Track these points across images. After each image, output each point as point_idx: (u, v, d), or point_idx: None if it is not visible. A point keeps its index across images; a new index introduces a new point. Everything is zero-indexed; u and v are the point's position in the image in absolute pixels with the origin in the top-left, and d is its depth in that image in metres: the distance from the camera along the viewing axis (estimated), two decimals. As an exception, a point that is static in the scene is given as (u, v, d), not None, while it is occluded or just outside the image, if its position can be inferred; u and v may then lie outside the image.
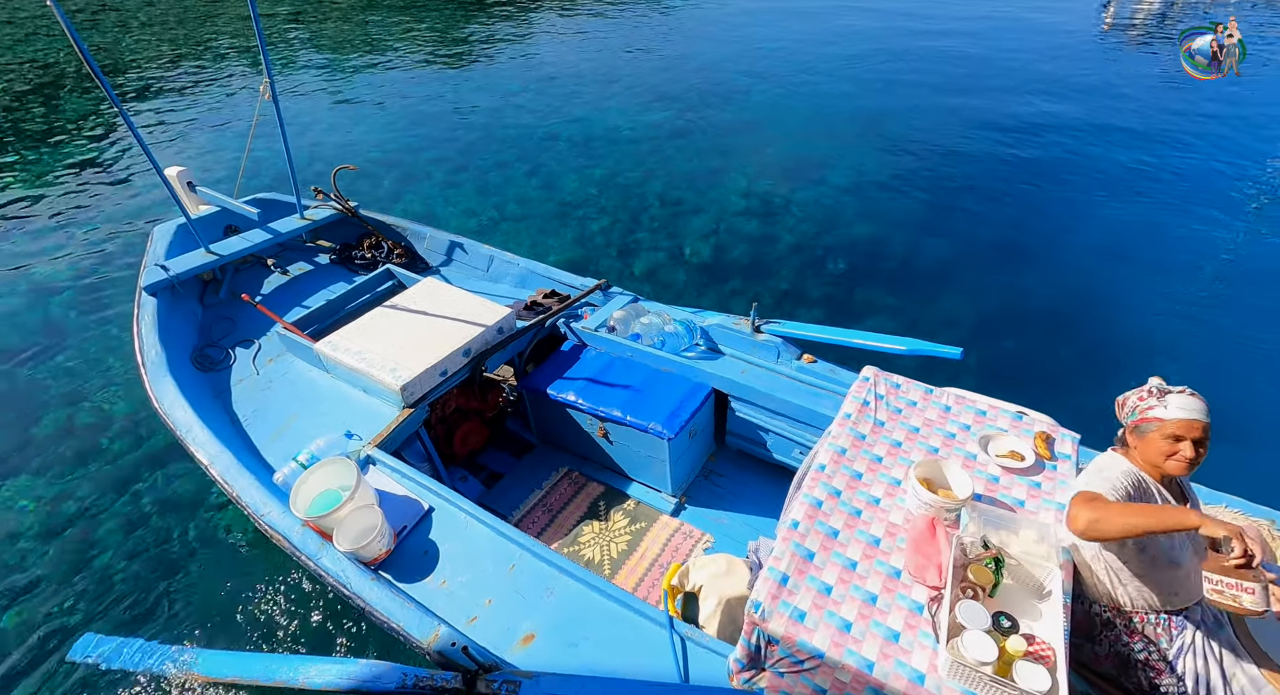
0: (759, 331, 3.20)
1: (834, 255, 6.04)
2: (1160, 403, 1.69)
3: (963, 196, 6.89)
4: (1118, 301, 5.15)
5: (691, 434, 2.94)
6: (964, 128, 8.49)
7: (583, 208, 7.17)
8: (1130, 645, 1.76)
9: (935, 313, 5.23)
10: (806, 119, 9.02)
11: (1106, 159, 7.45)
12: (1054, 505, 1.99)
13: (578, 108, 9.77)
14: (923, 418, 2.38)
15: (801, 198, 7.00)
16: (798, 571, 1.81)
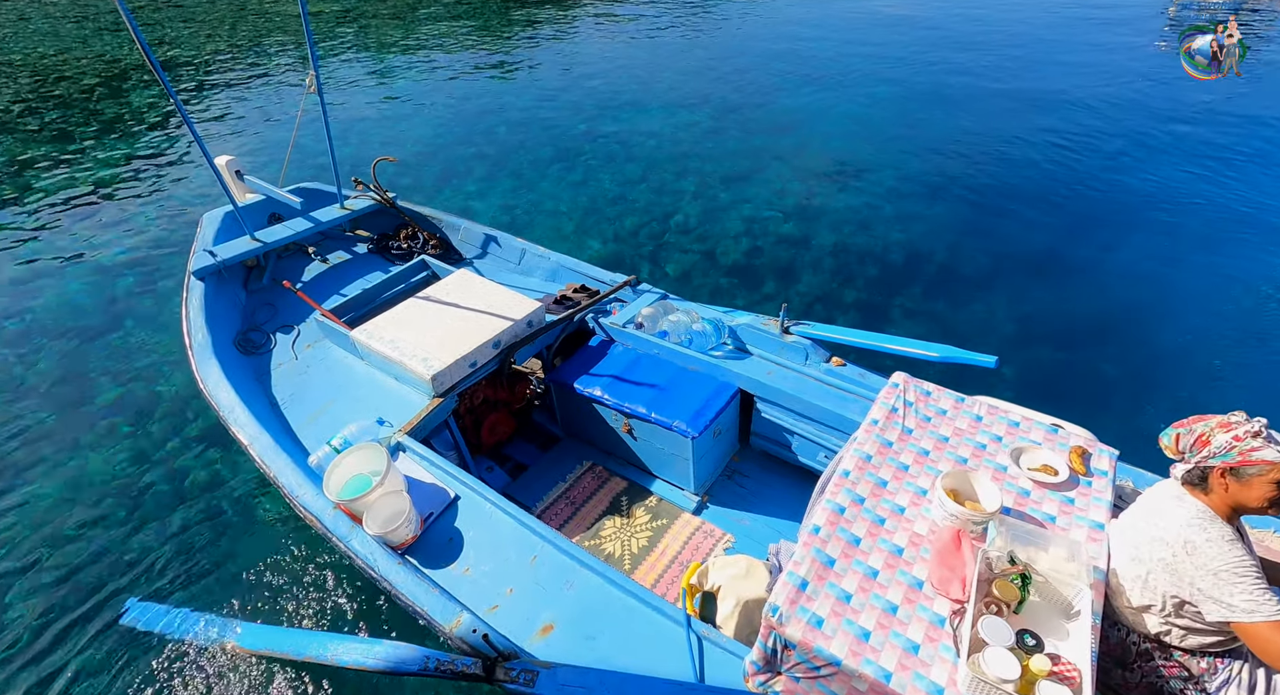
0: (788, 333, 3.17)
1: (870, 259, 5.92)
2: (1267, 444, 1.54)
3: (1008, 202, 6.67)
4: (1166, 319, 4.92)
5: (716, 433, 2.94)
6: (1014, 130, 8.21)
7: (617, 205, 7.19)
8: (1167, 678, 1.70)
9: (973, 320, 5.09)
10: (847, 120, 8.85)
11: (1168, 166, 7.11)
12: (1087, 522, 1.93)
13: (616, 107, 9.79)
14: (953, 427, 2.33)
15: (839, 200, 6.88)
16: (817, 577, 1.80)
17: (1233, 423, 1.60)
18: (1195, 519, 1.62)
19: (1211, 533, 1.58)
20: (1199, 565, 1.58)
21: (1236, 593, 1.52)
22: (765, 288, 5.78)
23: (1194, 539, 1.59)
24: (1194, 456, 1.64)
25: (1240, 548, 1.57)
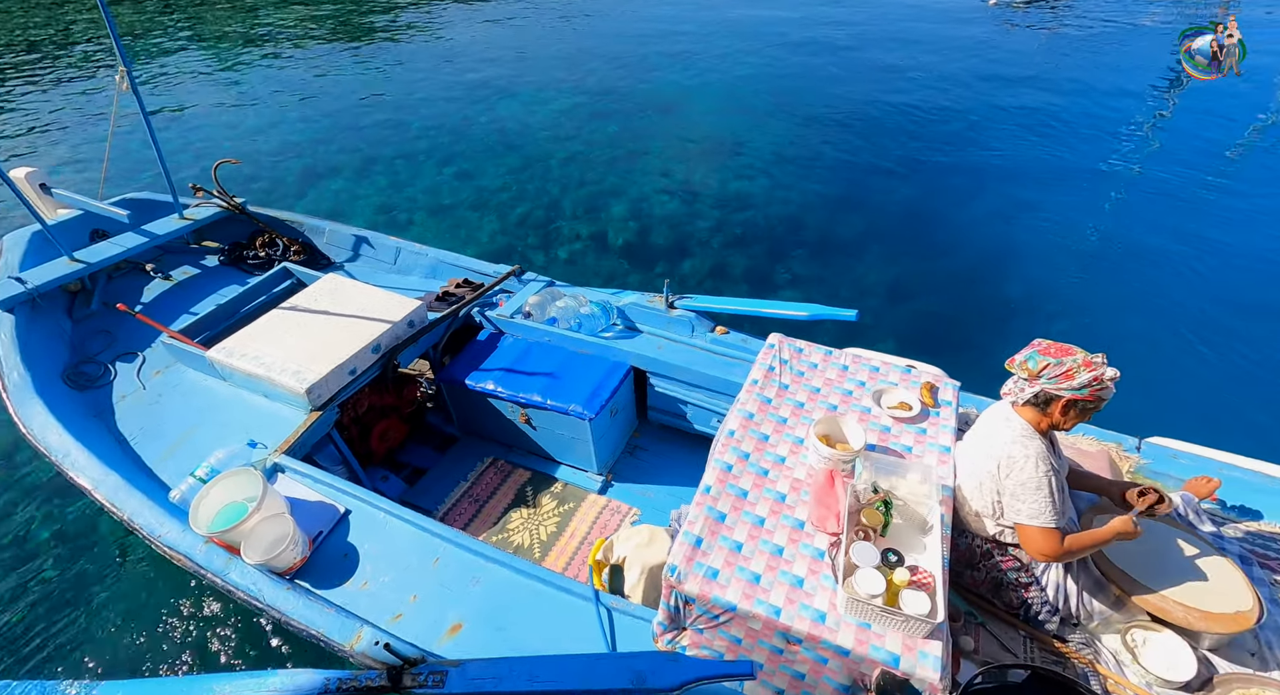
0: (673, 307, 3.27)
1: (754, 231, 6.20)
2: (1109, 381, 1.74)
3: (873, 169, 7.18)
4: (1008, 266, 5.56)
5: (613, 412, 2.99)
6: (872, 102, 8.82)
7: (501, 195, 7.02)
8: (1005, 570, 1.96)
9: (850, 279, 5.49)
10: (721, 99, 9.13)
11: (1003, 130, 7.93)
12: (937, 448, 2.18)
13: (490, 95, 9.49)
14: (823, 378, 2.52)
15: (720, 177, 7.12)
16: (710, 533, 1.90)
17: (1095, 363, 1.76)
18: (1019, 437, 1.86)
19: (1030, 448, 1.83)
20: (1013, 476, 1.83)
21: (1029, 500, 1.79)
22: (657, 267, 5.90)
23: (1015, 454, 1.83)
24: (1051, 384, 1.78)
25: (1048, 463, 1.82)
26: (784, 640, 1.71)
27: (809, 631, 1.65)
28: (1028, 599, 1.92)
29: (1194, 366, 4.41)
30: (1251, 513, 2.25)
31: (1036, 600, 1.91)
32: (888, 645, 1.61)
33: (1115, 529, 1.80)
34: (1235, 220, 5.85)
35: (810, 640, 1.66)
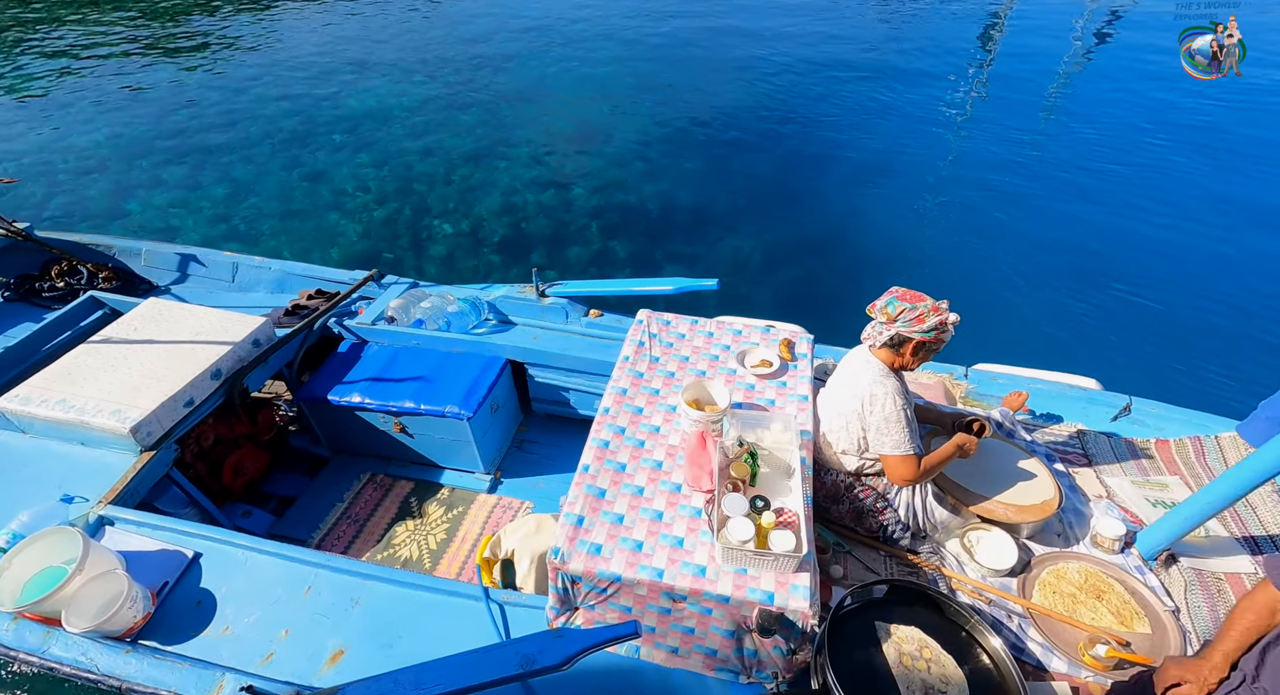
0: (545, 296, 3.24)
1: (631, 214, 6.27)
2: (951, 325, 1.95)
3: (738, 146, 7.46)
4: (862, 229, 6.04)
5: (494, 409, 2.92)
6: (732, 83, 9.14)
7: (360, 197, 6.58)
8: (864, 500, 2.14)
9: (726, 252, 5.71)
10: (584, 86, 9.09)
11: (849, 102, 8.51)
12: (797, 397, 2.33)
13: (335, 89, 8.82)
14: (691, 347, 2.61)
15: (593, 162, 7.11)
16: (591, 510, 1.92)
17: (940, 308, 1.97)
18: (879, 376, 2.03)
19: (888, 386, 2.01)
20: (876, 413, 2.00)
21: (891, 433, 1.97)
22: (536, 257, 5.81)
23: (876, 392, 2.01)
24: (905, 327, 1.96)
25: (904, 398, 2.02)
26: (670, 599, 1.77)
27: (691, 587, 1.72)
28: (884, 522, 2.12)
29: (1010, 299, 5.04)
30: (1054, 417, 2.63)
31: (892, 522, 2.12)
32: (763, 585, 1.71)
33: (957, 442, 2.03)
34: (1039, 174, 6.71)
35: (694, 595, 1.73)
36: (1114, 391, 2.67)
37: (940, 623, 1.81)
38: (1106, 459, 2.39)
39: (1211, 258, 5.31)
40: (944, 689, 1.65)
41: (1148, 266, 5.26)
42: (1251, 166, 6.69)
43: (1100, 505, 2.17)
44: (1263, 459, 1.72)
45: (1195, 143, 7.15)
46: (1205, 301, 4.86)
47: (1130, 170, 6.64)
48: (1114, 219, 5.91)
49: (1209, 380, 4.12)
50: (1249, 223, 5.72)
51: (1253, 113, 7.88)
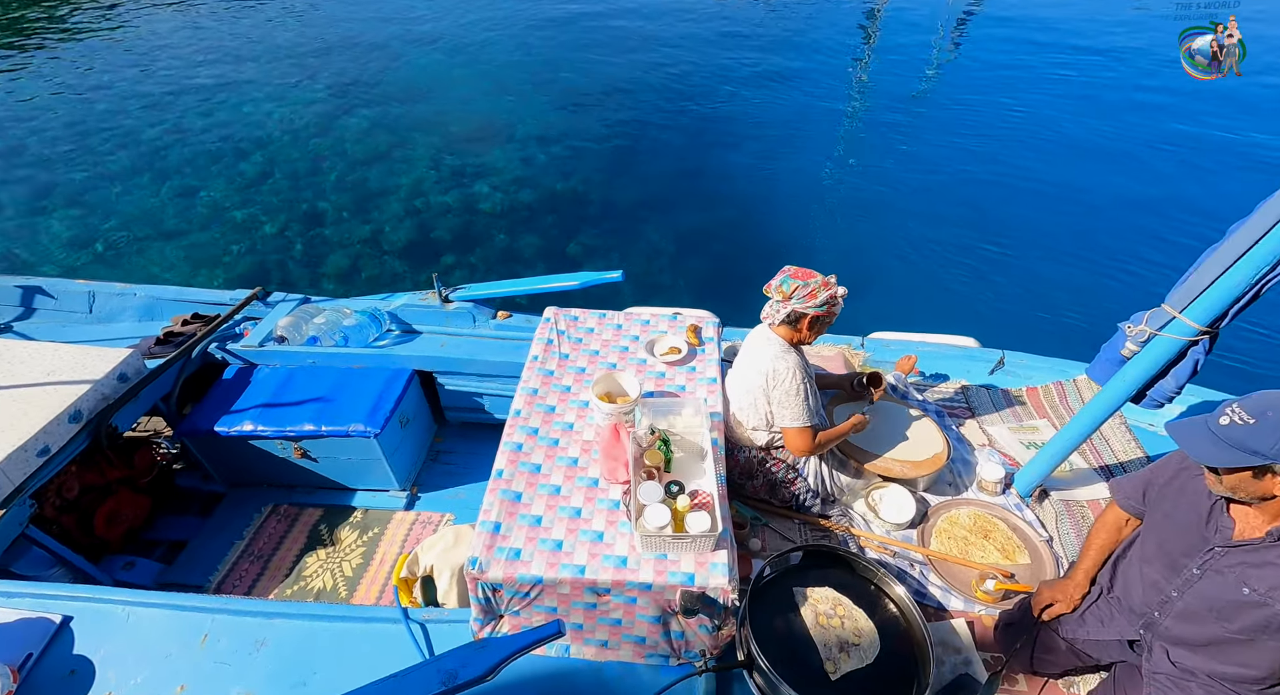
0: (448, 301, 3.14)
1: (541, 209, 6.17)
2: (840, 298, 2.05)
3: (642, 135, 7.49)
4: (765, 211, 6.25)
5: (403, 422, 2.80)
6: (630, 70, 9.14)
7: (243, 211, 6.10)
8: (775, 473, 2.23)
9: (639, 242, 5.74)
10: (479, 81, 8.82)
11: (746, 87, 8.72)
12: (706, 380, 2.39)
13: (204, 95, 8.10)
14: (600, 340, 2.62)
15: (497, 160, 6.92)
16: (508, 515, 1.88)
17: (830, 283, 2.06)
18: (779, 353, 2.11)
19: (789, 361, 2.08)
20: (778, 388, 2.08)
21: (791, 406, 2.06)
22: (445, 260, 5.62)
23: (778, 368, 2.08)
24: (800, 303, 2.04)
25: (804, 372, 2.10)
26: (595, 594, 1.77)
27: (614, 579, 1.72)
28: (796, 492, 2.22)
29: (899, 268, 5.40)
30: (941, 376, 2.85)
31: (803, 490, 2.22)
32: (683, 567, 1.75)
33: (852, 422, 2.17)
34: (921, 153, 7.18)
35: (617, 586, 1.73)
36: (990, 348, 2.92)
37: (851, 580, 1.92)
38: (986, 410, 2.62)
39: (1064, 219, 5.88)
40: (857, 641, 1.76)
41: (1012, 229, 5.76)
42: (1099, 133, 7.45)
43: (983, 453, 2.38)
44: (1106, 397, 1.94)
45: (1052, 113, 7.86)
46: (1062, 256, 5.38)
47: (997, 142, 7.22)
48: (983, 187, 6.42)
49: (1070, 328, 4.59)
50: (1097, 186, 6.38)
51: (1102, 75, 8.75)
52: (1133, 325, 1.89)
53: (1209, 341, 1.77)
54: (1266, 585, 1.32)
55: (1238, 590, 1.36)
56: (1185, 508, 1.48)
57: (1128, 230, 5.63)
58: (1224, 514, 1.42)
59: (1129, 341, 1.90)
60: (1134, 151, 6.87)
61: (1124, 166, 6.61)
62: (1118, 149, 6.93)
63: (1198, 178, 6.40)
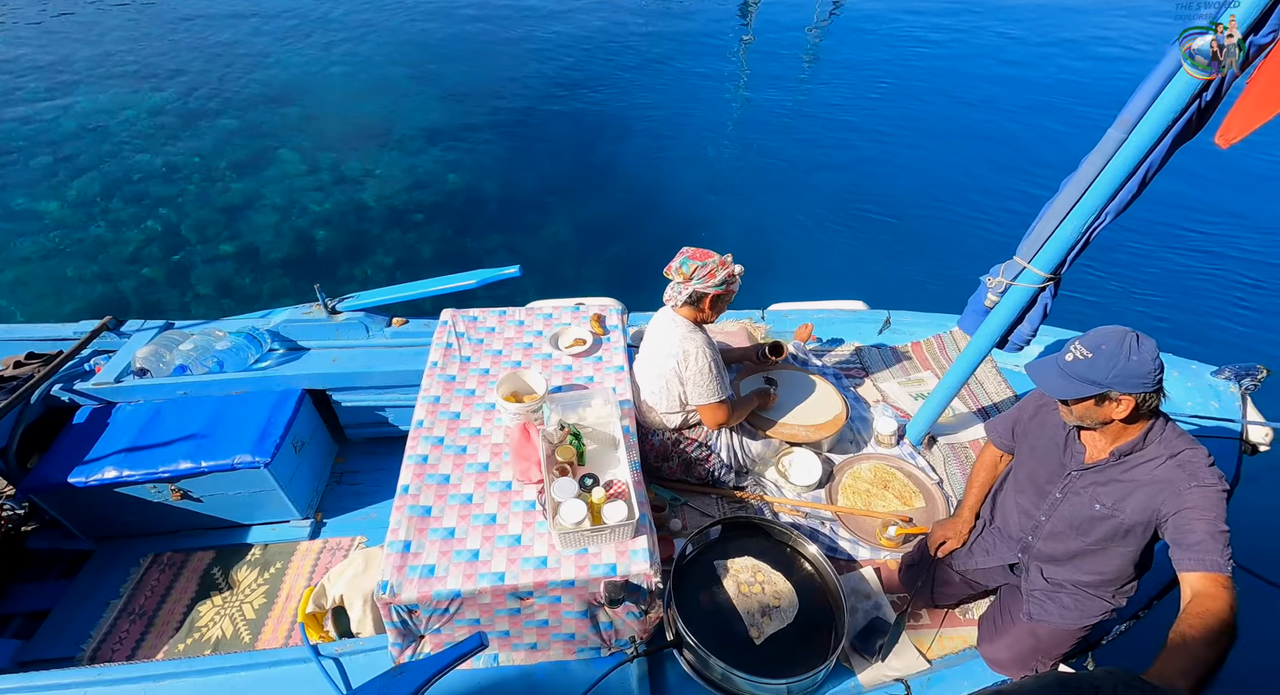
0: (336, 312, 2.93)
1: (436, 210, 5.87)
2: (738, 275, 2.09)
3: (533, 126, 7.28)
4: (658, 189, 6.29)
5: (297, 447, 2.60)
6: (513, 60, 8.84)
7: (87, 232, 5.40)
8: (689, 452, 2.27)
9: (543, 236, 5.61)
10: (353, 79, 8.23)
11: (634, 72, 8.66)
12: (614, 369, 2.38)
13: (25, 107, 7.04)
14: (503, 339, 2.54)
15: (379, 161, 6.51)
16: (418, 531, 1.80)
17: (727, 262, 2.08)
18: (686, 334, 2.12)
19: (697, 341, 2.11)
20: (689, 368, 2.10)
21: (704, 384, 2.10)
22: (338, 271, 5.25)
23: (688, 348, 2.10)
24: (700, 284, 2.06)
25: (711, 350, 2.13)
26: (517, 599, 1.73)
27: (535, 581, 1.69)
28: (711, 467, 2.27)
29: (795, 238, 5.62)
30: (836, 340, 3.00)
31: (717, 465, 2.27)
32: (604, 559, 1.74)
33: (758, 393, 2.26)
34: (805, 127, 7.47)
35: (539, 588, 1.70)
36: (878, 309, 3.10)
37: (768, 546, 2.00)
38: (878, 368, 2.79)
39: (937, 182, 6.34)
40: (778, 603, 1.83)
41: (892, 195, 6.14)
42: (969, 101, 8.04)
43: (878, 408, 2.53)
44: (976, 345, 2.11)
45: (922, 86, 8.40)
46: (938, 217, 5.80)
47: (875, 114, 7.63)
48: (864, 156, 6.78)
49: (947, 283, 4.98)
50: (969, 149, 6.89)
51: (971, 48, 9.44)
52: (992, 277, 2.06)
53: (1054, 287, 1.97)
54: (1113, 500, 1.49)
55: (1091, 507, 1.53)
56: (1046, 440, 1.64)
57: (996, 189, 6.14)
58: (1076, 441, 1.59)
59: (990, 292, 2.07)
60: (997, 118, 7.47)
61: (989, 131, 7.17)
62: (983, 116, 7.52)
63: (1052, 136, 7.06)
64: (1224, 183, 6.01)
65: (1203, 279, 5.04)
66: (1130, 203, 1.75)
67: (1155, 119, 1.56)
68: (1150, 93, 1.58)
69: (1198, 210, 5.70)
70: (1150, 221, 5.44)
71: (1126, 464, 1.48)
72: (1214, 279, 5.04)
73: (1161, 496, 1.40)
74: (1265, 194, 5.98)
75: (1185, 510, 1.36)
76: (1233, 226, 5.56)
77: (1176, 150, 1.65)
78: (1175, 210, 5.68)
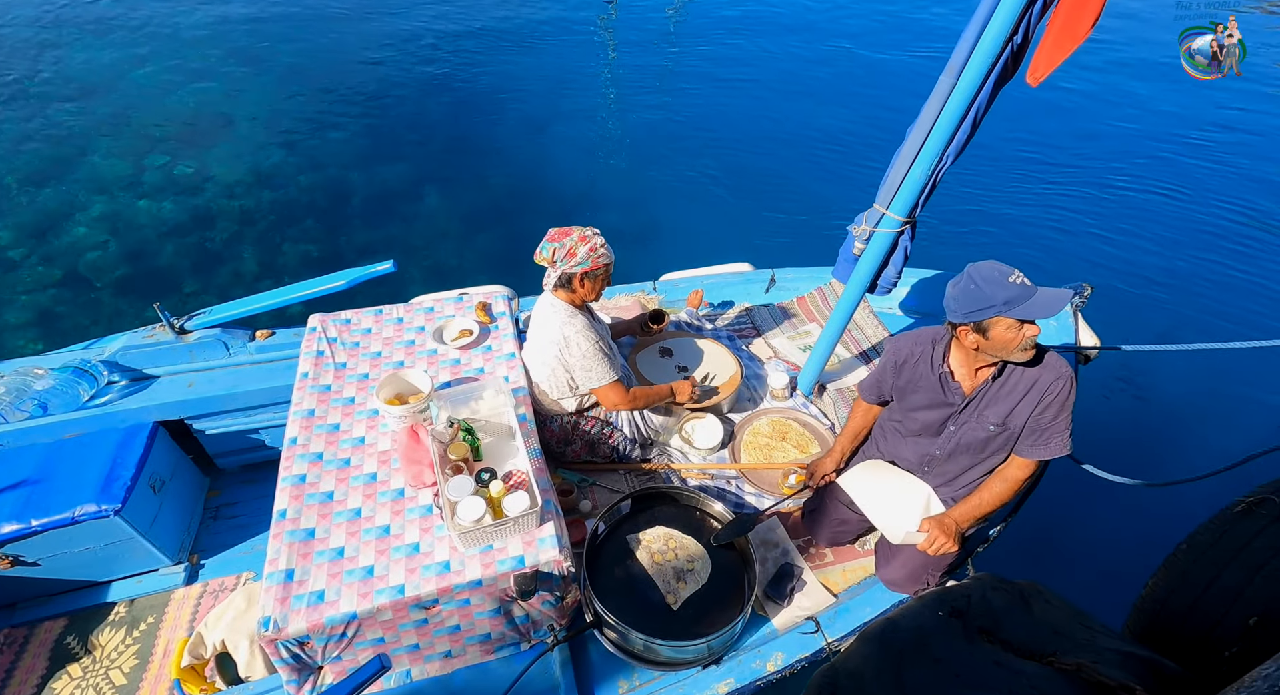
0: (185, 332, 2.60)
1: (292, 210, 5.35)
2: (607, 251, 2.00)
3: (397, 109, 6.78)
4: (546, 168, 6.07)
5: (155, 487, 2.31)
6: (367, 47, 8.13)
7: None
8: (591, 431, 2.23)
9: (423, 228, 5.27)
10: (176, 69, 7.27)
11: (499, 48, 8.25)
12: (504, 357, 2.29)
13: None
14: (381, 339, 2.37)
15: (218, 160, 5.82)
16: (302, 557, 1.65)
17: (587, 236, 1.99)
18: (566, 319, 2.05)
19: (577, 324, 2.04)
20: (573, 352, 2.04)
21: (593, 368, 2.05)
22: (183, 287, 4.69)
23: (568, 334, 2.03)
24: (565, 265, 1.98)
25: (594, 332, 2.07)
26: (422, 610, 1.64)
27: (439, 587, 1.61)
28: (615, 444, 2.25)
29: (681, 208, 5.62)
30: (727, 303, 3.06)
31: (621, 441, 2.26)
32: (510, 552, 1.68)
33: (673, 386, 2.24)
34: (681, 90, 7.45)
35: (445, 593, 1.62)
36: (763, 269, 3.19)
37: (677, 512, 2.01)
38: (768, 326, 2.88)
39: (812, 137, 6.55)
40: (691, 566, 1.85)
41: (769, 153, 6.26)
42: (830, 59, 8.36)
43: (770, 364, 2.62)
44: (850, 293, 2.21)
45: (787, 48, 8.64)
46: (813, 173, 6.03)
47: (747, 70, 7.74)
48: (740, 117, 6.84)
49: (831, 233, 5.22)
50: (835, 105, 7.18)
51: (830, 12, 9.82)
52: (857, 226, 2.16)
53: (911, 230, 2.09)
54: (1000, 416, 1.67)
55: (984, 429, 1.70)
56: (926, 391, 1.77)
57: (863, 144, 6.45)
58: (951, 381, 1.72)
59: (857, 241, 2.17)
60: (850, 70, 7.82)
61: (858, 86, 7.49)
62: (838, 69, 7.85)
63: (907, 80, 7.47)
64: (1043, 116, 6.64)
65: (1035, 207, 5.57)
66: (966, 143, 1.87)
67: (976, 64, 1.67)
68: (970, 40, 1.68)
69: (1028, 142, 6.28)
70: (984, 159, 5.92)
71: (1003, 379, 1.65)
72: (1045, 205, 5.58)
73: (1034, 395, 1.61)
74: (1074, 124, 6.69)
75: (1042, 409, 1.61)
76: (1055, 155, 6.18)
77: (999, 92, 1.78)
78: (1008, 144, 6.22)
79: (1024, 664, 0.99)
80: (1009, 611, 1.09)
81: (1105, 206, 5.51)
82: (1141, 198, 5.60)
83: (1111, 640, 1.07)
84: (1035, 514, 2.06)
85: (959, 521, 1.72)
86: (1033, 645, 1.01)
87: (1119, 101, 7.02)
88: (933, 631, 1.06)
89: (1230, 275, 4.82)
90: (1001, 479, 1.73)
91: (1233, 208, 5.45)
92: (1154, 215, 5.40)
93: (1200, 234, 5.20)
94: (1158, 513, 3.02)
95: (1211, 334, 4.31)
